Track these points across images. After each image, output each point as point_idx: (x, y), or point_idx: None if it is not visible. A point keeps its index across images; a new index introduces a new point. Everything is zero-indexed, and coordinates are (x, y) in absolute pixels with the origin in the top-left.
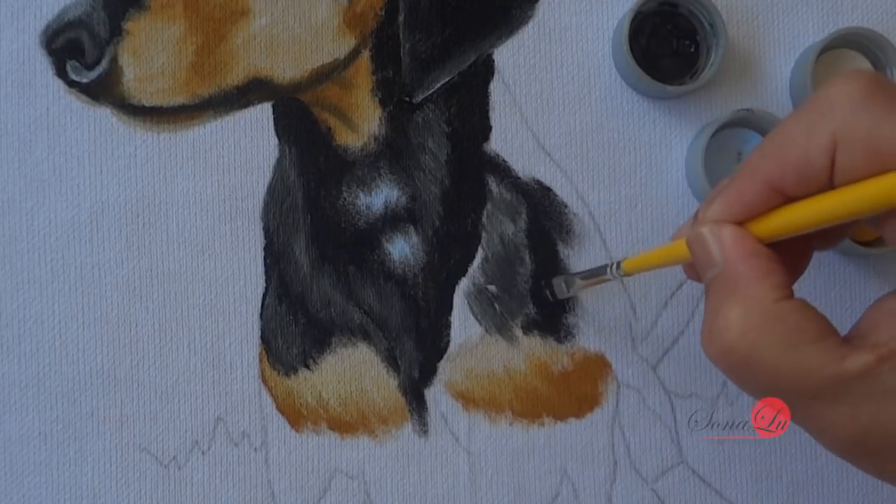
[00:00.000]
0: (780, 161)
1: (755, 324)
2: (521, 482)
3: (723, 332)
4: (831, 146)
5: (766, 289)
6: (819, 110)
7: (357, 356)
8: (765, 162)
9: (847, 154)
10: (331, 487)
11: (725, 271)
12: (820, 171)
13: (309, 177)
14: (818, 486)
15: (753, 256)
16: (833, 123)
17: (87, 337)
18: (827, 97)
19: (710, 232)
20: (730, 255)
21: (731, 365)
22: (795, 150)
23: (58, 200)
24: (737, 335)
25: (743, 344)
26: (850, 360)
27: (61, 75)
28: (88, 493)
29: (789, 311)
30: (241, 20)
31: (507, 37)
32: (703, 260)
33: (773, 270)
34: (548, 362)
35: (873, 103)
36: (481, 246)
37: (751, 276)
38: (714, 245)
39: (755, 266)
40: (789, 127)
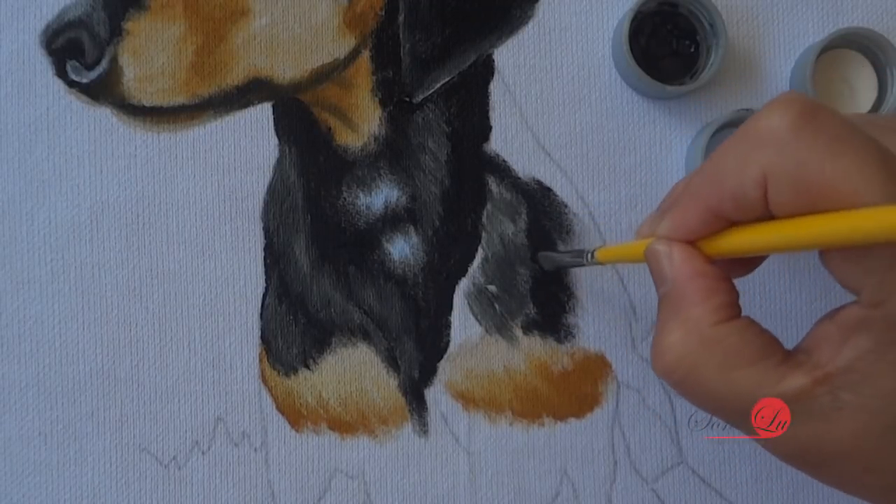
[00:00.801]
0: (718, 190)
1: (692, 348)
2: (521, 482)
3: (665, 351)
4: (762, 180)
5: (707, 311)
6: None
7: (357, 356)
8: (704, 189)
9: (777, 189)
10: (331, 487)
11: (673, 289)
12: (755, 202)
13: (309, 177)
14: (818, 485)
15: (699, 277)
16: (762, 158)
17: (87, 337)
18: (757, 129)
19: (663, 249)
20: (678, 274)
21: (673, 383)
22: (730, 181)
23: (58, 200)
24: (677, 357)
25: (682, 366)
26: (787, 382)
27: (61, 75)
28: (88, 493)
29: (728, 335)
30: (241, 20)
31: (507, 37)
32: (656, 276)
33: (717, 291)
34: (548, 362)
35: (801, 137)
36: (481, 246)
37: (694, 297)
38: (665, 262)
39: (699, 287)
40: (724, 156)
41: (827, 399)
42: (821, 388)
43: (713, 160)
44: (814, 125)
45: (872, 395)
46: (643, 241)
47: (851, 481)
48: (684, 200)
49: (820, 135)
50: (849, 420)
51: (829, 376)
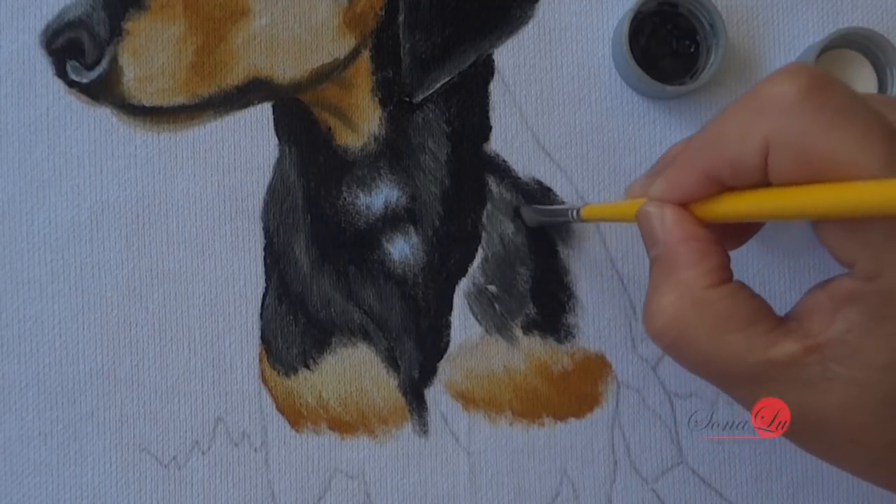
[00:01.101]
0: (717, 155)
1: (685, 310)
2: (521, 482)
3: (657, 314)
4: (764, 147)
5: (699, 274)
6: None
7: (357, 356)
8: (703, 153)
9: (779, 158)
10: (331, 487)
11: (665, 252)
12: (754, 169)
13: (309, 177)
14: (818, 486)
15: (691, 239)
16: (766, 125)
17: (87, 337)
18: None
19: (654, 211)
20: (670, 237)
21: (664, 345)
22: (730, 147)
23: (58, 200)
24: (669, 319)
25: (674, 328)
26: (777, 348)
27: (61, 75)
28: (88, 493)
29: (720, 298)
30: (241, 20)
31: (507, 37)
32: (647, 238)
33: (709, 254)
34: (548, 362)
35: (807, 106)
36: (481, 246)
37: (686, 260)
38: (657, 224)
39: (692, 249)
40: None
41: (817, 369)
42: (811, 357)
43: (715, 124)
44: (821, 96)
45: (862, 369)
46: (634, 202)
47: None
48: (680, 162)
49: (826, 106)
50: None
51: (820, 346)
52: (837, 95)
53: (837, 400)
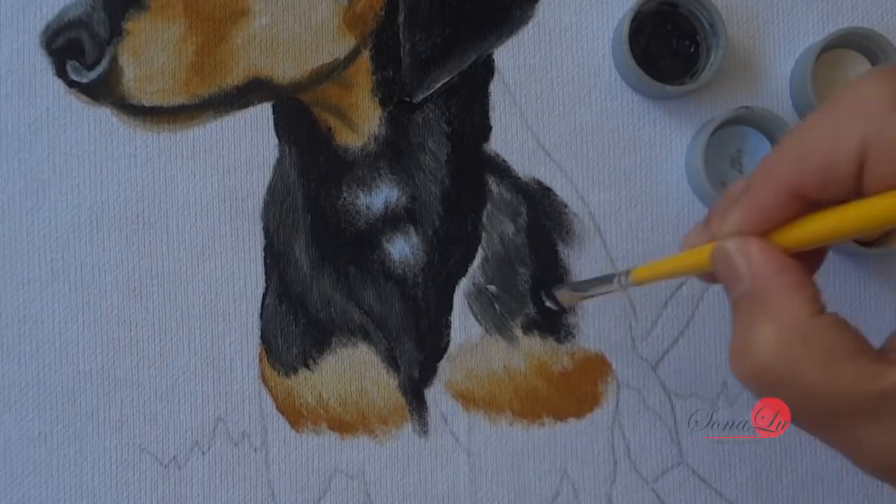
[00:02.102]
0: (802, 165)
1: (790, 342)
2: (521, 482)
3: (756, 350)
4: (860, 151)
5: (800, 304)
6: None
7: (357, 356)
8: (784, 166)
9: (879, 160)
10: (331, 487)
11: (754, 288)
12: (846, 176)
13: (309, 177)
14: (818, 486)
15: (784, 272)
16: (863, 127)
17: (87, 337)
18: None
19: (735, 247)
20: (758, 272)
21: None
22: (819, 155)
23: (58, 200)
24: (771, 354)
25: (778, 363)
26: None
27: (61, 75)
28: (88, 493)
29: (825, 328)
30: (241, 20)
31: (507, 37)
32: (728, 276)
33: (804, 285)
34: (548, 362)
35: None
36: (481, 246)
37: (782, 292)
38: (741, 261)
39: (786, 282)
40: (811, 129)
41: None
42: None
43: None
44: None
45: None
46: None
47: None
48: (757, 185)
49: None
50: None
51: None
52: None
53: None
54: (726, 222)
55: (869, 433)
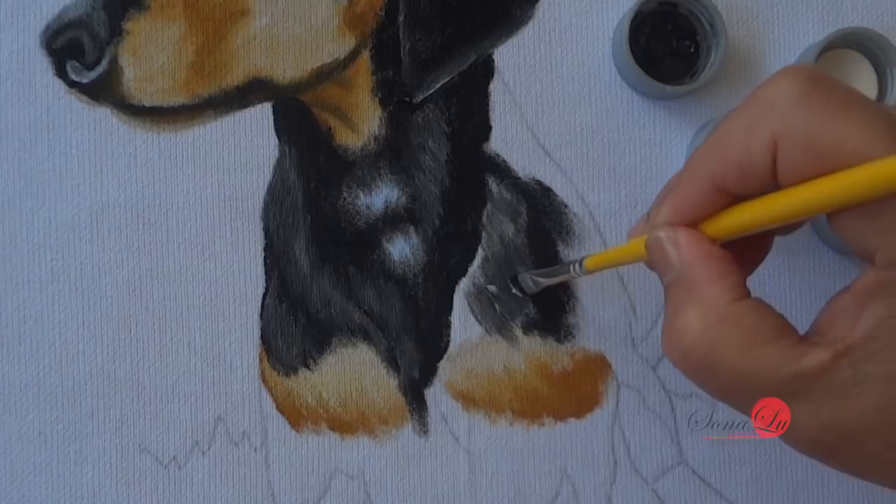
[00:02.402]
0: (722, 161)
1: (712, 325)
2: (521, 482)
3: (681, 334)
4: (772, 145)
5: (722, 290)
6: (758, 109)
7: (357, 356)
8: (707, 162)
9: (788, 153)
10: (331, 487)
11: (682, 274)
12: (762, 170)
13: (309, 177)
14: (818, 486)
15: (709, 259)
16: (772, 122)
17: (87, 337)
18: (766, 95)
19: (666, 236)
20: (686, 259)
21: (691, 367)
22: (736, 150)
23: (58, 200)
24: (695, 337)
25: (701, 346)
26: (808, 358)
27: (61, 75)
28: (88, 493)
29: (745, 312)
30: (241, 20)
31: (507, 37)
32: (661, 263)
33: (728, 272)
34: (548, 362)
35: (812, 100)
36: (481, 246)
37: (707, 278)
38: (671, 249)
39: (711, 268)
40: (729, 126)
41: (848, 373)
42: (841, 361)
43: (716, 134)
44: (823, 90)
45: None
46: (639, 238)
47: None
48: (685, 179)
49: (830, 98)
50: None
51: (849, 349)
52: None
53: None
54: (659, 213)
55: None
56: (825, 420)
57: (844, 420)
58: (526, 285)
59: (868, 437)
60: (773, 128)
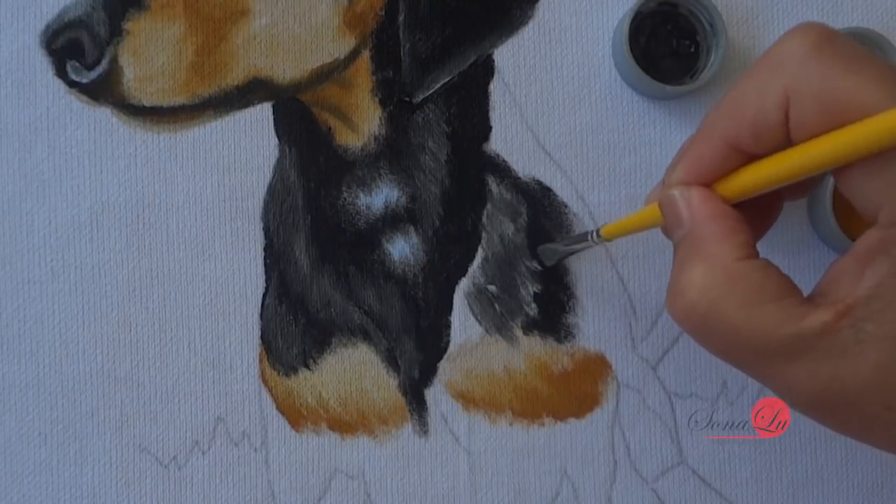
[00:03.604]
0: (736, 120)
1: (717, 282)
2: (521, 482)
3: (685, 289)
4: (784, 101)
5: (729, 248)
6: (770, 66)
7: (357, 356)
8: (721, 122)
9: (800, 108)
10: (331, 487)
11: (692, 232)
12: (775, 127)
13: (309, 177)
14: (818, 486)
15: (719, 217)
16: (784, 78)
17: (87, 337)
18: (777, 53)
19: (679, 194)
20: (696, 216)
21: (693, 323)
22: (749, 108)
23: (58, 200)
24: (698, 293)
25: (704, 301)
26: (810, 318)
27: (61, 75)
28: (88, 493)
29: (751, 271)
30: (241, 20)
31: (507, 37)
32: (672, 221)
33: (737, 230)
34: (548, 362)
35: (822, 56)
36: (481, 246)
37: (715, 236)
38: (682, 206)
39: (720, 226)
40: (742, 86)
41: (849, 332)
42: (843, 321)
43: (730, 94)
44: (833, 45)
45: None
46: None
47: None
48: (699, 139)
49: (839, 55)
50: (871, 352)
51: (850, 309)
52: (847, 45)
53: (871, 361)
54: (674, 174)
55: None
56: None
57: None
58: (545, 256)
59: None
60: (785, 83)
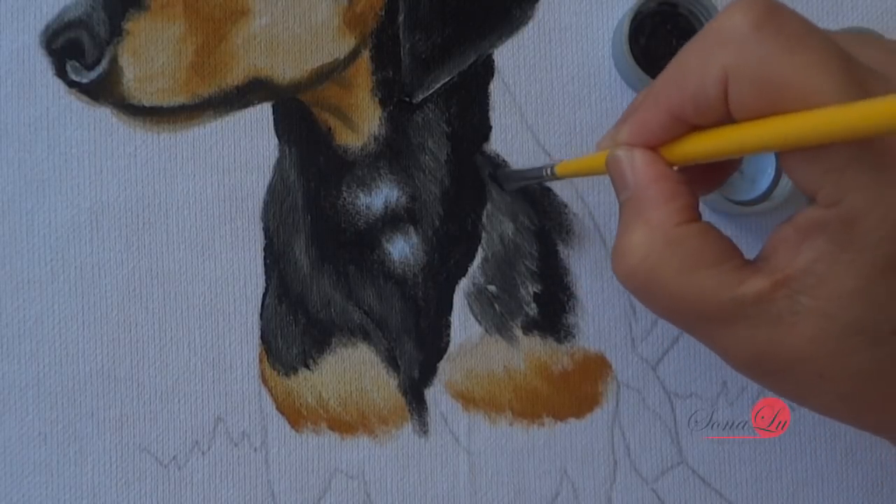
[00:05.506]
0: (679, 91)
1: (656, 247)
2: (521, 482)
3: (627, 253)
4: (723, 78)
5: (669, 212)
6: (711, 41)
7: (357, 356)
8: (665, 91)
9: (738, 88)
10: (331, 487)
11: (635, 194)
12: (715, 102)
13: (309, 177)
14: (818, 486)
15: (662, 180)
16: (723, 56)
17: (87, 337)
18: (718, 28)
19: (623, 154)
20: (640, 179)
21: (634, 286)
22: (692, 81)
23: (58, 200)
24: (639, 258)
25: (644, 266)
26: (747, 284)
27: (61, 75)
28: (88, 493)
29: (690, 236)
30: (241, 20)
31: (507, 37)
32: (618, 181)
33: (678, 194)
34: (548, 362)
35: (763, 34)
36: (481, 246)
37: (657, 199)
38: (627, 167)
39: (662, 189)
40: (686, 57)
41: (785, 303)
42: (779, 291)
43: (675, 62)
44: (775, 23)
45: (828, 298)
46: (603, 153)
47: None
48: (645, 104)
49: (781, 33)
50: (805, 324)
51: (787, 279)
52: (792, 23)
53: (806, 333)
54: (621, 132)
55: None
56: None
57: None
58: (505, 181)
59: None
60: (724, 62)
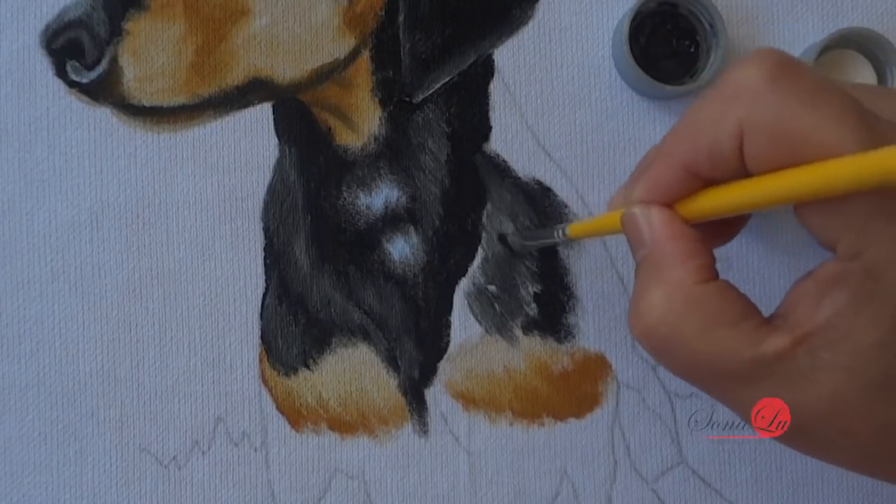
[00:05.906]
0: (693, 146)
1: (675, 306)
2: (521, 482)
3: (645, 313)
4: (738, 133)
5: (688, 271)
6: (725, 96)
7: (357, 356)
8: (679, 146)
9: (754, 142)
10: (331, 487)
11: (652, 252)
12: (731, 156)
13: (309, 177)
14: (818, 486)
15: (679, 238)
16: (739, 110)
17: (87, 337)
18: (733, 82)
19: (640, 212)
20: (657, 237)
21: (652, 345)
22: (706, 136)
23: (58, 200)
24: (658, 317)
25: (663, 326)
26: (767, 343)
27: (61, 75)
28: (88, 493)
29: (709, 295)
30: (241, 20)
31: (507, 37)
32: (634, 239)
33: (696, 253)
34: (548, 362)
35: (778, 89)
36: (481, 246)
37: (675, 258)
38: (644, 225)
39: (680, 248)
40: (699, 111)
41: (806, 360)
42: (800, 347)
43: (687, 117)
44: (790, 78)
45: (850, 353)
46: (617, 212)
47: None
48: (659, 161)
49: (796, 87)
50: (827, 380)
51: (808, 336)
52: (807, 77)
53: (827, 389)
54: (635, 191)
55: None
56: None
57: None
58: (515, 244)
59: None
60: (739, 116)
